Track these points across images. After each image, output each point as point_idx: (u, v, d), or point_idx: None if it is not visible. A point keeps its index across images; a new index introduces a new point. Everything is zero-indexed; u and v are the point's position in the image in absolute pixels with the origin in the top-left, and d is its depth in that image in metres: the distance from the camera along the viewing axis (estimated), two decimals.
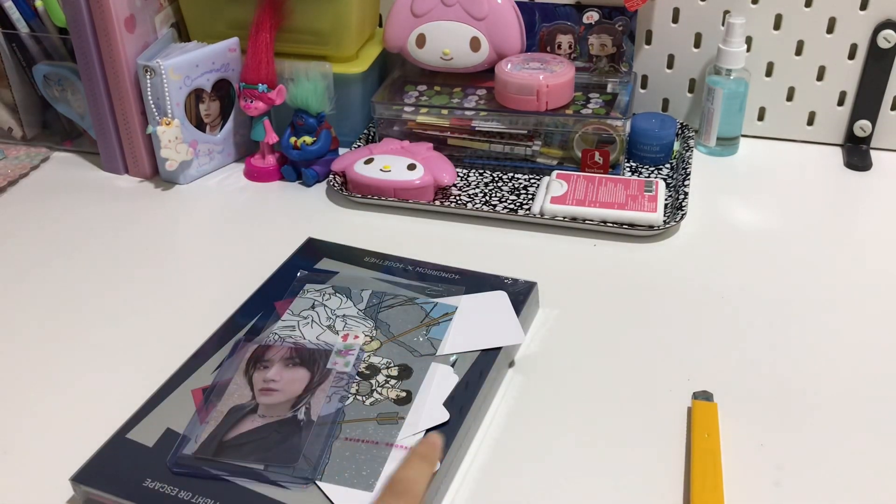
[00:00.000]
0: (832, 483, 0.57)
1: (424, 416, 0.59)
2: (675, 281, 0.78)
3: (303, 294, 0.72)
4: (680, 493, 0.57)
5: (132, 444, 0.58)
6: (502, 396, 0.65)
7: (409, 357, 0.65)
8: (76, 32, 0.89)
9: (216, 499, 0.54)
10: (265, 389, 0.62)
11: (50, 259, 0.83)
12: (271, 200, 0.92)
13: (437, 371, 0.63)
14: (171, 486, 0.54)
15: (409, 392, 0.61)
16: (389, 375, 0.63)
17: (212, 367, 0.64)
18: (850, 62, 0.96)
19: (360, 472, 0.55)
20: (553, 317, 0.73)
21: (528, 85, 0.90)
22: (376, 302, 0.71)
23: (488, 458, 0.60)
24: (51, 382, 0.67)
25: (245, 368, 0.64)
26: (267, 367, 0.64)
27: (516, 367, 0.67)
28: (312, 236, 0.81)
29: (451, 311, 0.69)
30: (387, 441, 0.57)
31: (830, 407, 0.63)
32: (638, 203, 0.85)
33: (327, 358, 0.64)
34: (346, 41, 0.97)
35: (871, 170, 0.96)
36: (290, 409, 0.60)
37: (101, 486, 0.55)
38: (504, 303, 0.70)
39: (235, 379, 0.63)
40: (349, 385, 0.62)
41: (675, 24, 0.99)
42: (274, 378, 0.63)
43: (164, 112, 0.90)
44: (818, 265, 0.80)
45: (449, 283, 0.73)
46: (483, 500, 0.57)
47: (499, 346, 0.66)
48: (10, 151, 1.01)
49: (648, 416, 0.63)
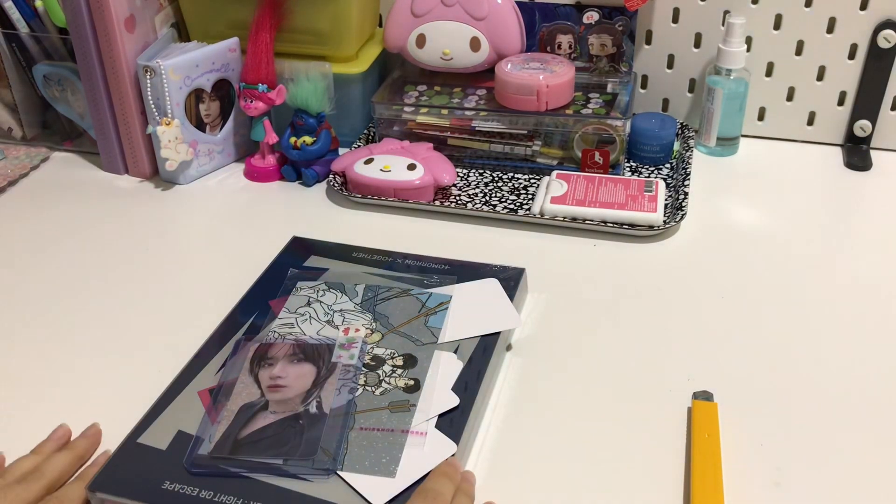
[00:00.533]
0: (832, 483, 0.57)
1: (435, 402, 0.60)
2: (675, 281, 0.78)
3: (296, 291, 0.72)
4: (680, 493, 0.56)
5: (145, 449, 0.57)
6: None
7: (412, 346, 0.66)
8: (76, 32, 0.89)
9: (239, 496, 0.54)
10: (273, 386, 0.62)
11: (49, 259, 0.83)
12: (271, 200, 0.92)
13: (442, 358, 0.64)
14: (192, 487, 0.54)
15: (417, 380, 0.62)
16: (395, 365, 0.64)
17: (215, 367, 0.64)
18: (850, 62, 0.96)
19: (379, 459, 0.56)
20: (554, 317, 0.73)
21: (528, 85, 0.90)
22: (371, 295, 0.71)
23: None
24: (49, 385, 0.67)
25: (250, 367, 0.64)
26: (272, 364, 0.64)
27: (515, 364, 0.67)
28: (313, 236, 0.81)
29: (447, 301, 0.70)
30: (402, 428, 0.58)
31: (830, 407, 0.63)
32: (638, 203, 0.85)
33: (331, 352, 0.65)
34: (346, 41, 0.97)
35: (871, 170, 0.96)
36: (300, 403, 0.60)
37: (119, 492, 0.55)
38: (497, 289, 0.72)
39: (241, 378, 0.63)
40: (357, 377, 0.63)
41: (675, 24, 0.99)
42: (280, 375, 0.63)
43: (164, 112, 0.90)
44: (818, 265, 0.80)
45: (440, 273, 0.74)
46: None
47: (497, 332, 0.67)
48: (10, 151, 1.01)
49: (648, 417, 0.63)
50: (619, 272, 0.79)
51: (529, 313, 0.73)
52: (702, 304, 0.75)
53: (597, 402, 0.64)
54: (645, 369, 0.67)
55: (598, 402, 0.64)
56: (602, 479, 0.58)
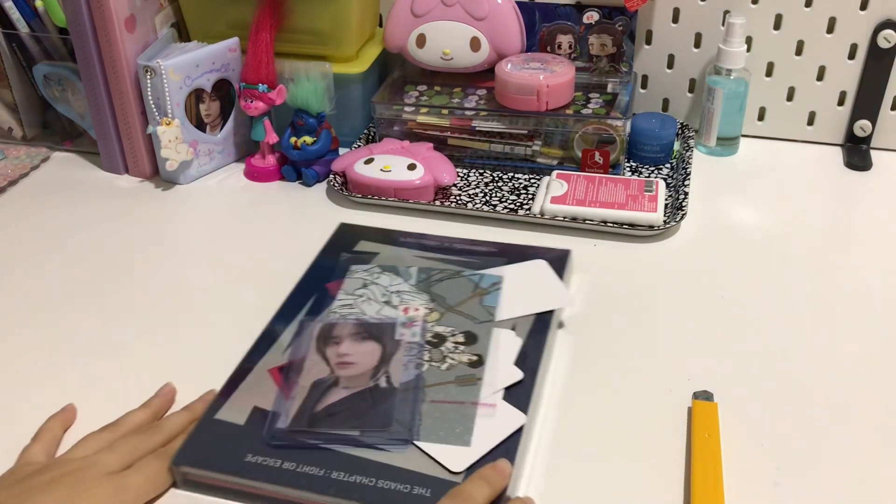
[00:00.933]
0: (832, 483, 0.57)
1: (500, 376, 0.62)
2: (675, 281, 0.78)
3: (350, 274, 0.74)
4: (680, 493, 0.56)
5: (223, 424, 0.59)
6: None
7: (471, 324, 0.68)
8: (76, 32, 0.89)
9: (320, 465, 0.55)
10: (342, 363, 0.64)
11: (50, 259, 0.83)
12: (271, 200, 0.92)
13: (501, 335, 0.67)
14: (274, 459, 0.56)
15: (480, 356, 0.65)
16: (457, 342, 0.66)
17: (281, 347, 0.66)
18: (850, 62, 0.96)
19: (453, 429, 0.58)
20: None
21: (528, 85, 0.90)
22: (425, 277, 0.74)
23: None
24: (49, 384, 0.67)
25: (317, 346, 0.65)
26: (337, 342, 0.66)
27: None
28: (313, 236, 0.81)
29: (499, 281, 0.73)
30: (471, 400, 0.60)
31: (831, 407, 0.63)
32: (638, 203, 0.85)
33: (393, 330, 0.67)
34: (346, 41, 0.97)
35: (871, 170, 0.96)
36: (370, 378, 0.62)
37: (203, 465, 0.56)
38: (546, 270, 0.74)
39: (310, 356, 0.64)
40: (421, 353, 0.65)
41: (675, 24, 0.99)
42: (347, 352, 0.65)
43: (165, 112, 0.90)
44: (818, 265, 0.80)
45: (488, 256, 0.77)
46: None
47: (551, 310, 0.69)
48: (10, 151, 1.01)
49: (648, 416, 0.62)
50: (619, 272, 0.79)
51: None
52: (702, 303, 0.75)
53: (597, 402, 0.64)
54: (645, 369, 0.67)
55: (598, 402, 0.64)
56: (602, 478, 0.58)
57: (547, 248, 0.77)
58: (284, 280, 0.74)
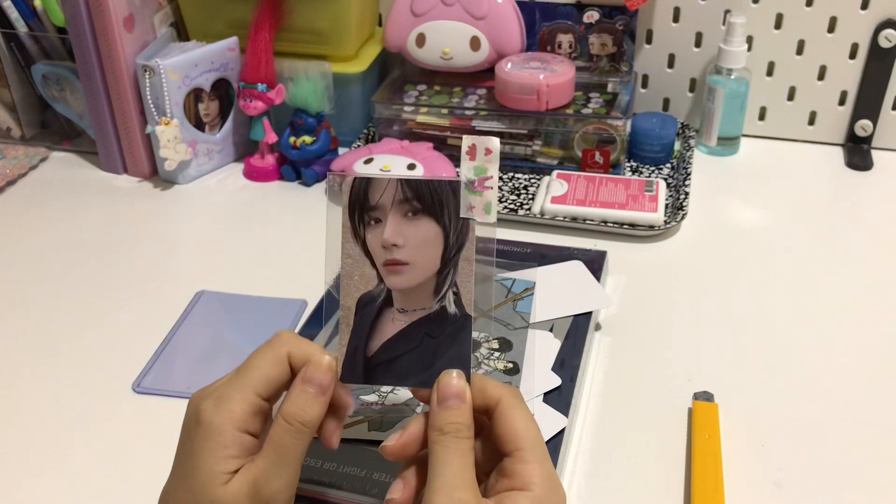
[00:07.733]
0: (833, 484, 0.57)
1: (537, 383, 0.61)
2: (675, 281, 0.77)
3: None
4: (680, 493, 0.56)
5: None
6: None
7: (505, 331, 0.66)
8: (75, 32, 0.89)
9: (360, 466, 0.54)
10: (391, 264, 0.47)
11: (48, 259, 0.82)
12: (271, 200, 0.92)
13: (538, 337, 0.65)
14: (315, 459, 0.54)
15: (515, 363, 0.62)
16: (491, 349, 0.64)
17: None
18: (851, 62, 0.96)
19: None
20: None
21: (528, 84, 0.90)
22: None
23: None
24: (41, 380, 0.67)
25: (352, 225, 0.47)
26: (379, 219, 0.47)
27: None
28: (313, 236, 0.81)
29: (531, 286, 0.70)
30: None
31: (831, 407, 0.63)
32: (638, 203, 0.84)
33: (456, 195, 0.46)
34: (345, 41, 0.97)
35: (871, 169, 0.95)
36: (432, 297, 0.47)
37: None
38: (582, 270, 0.72)
39: (346, 247, 0.46)
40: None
41: (675, 24, 0.99)
42: (395, 240, 0.47)
43: (163, 112, 0.90)
44: (819, 265, 0.79)
45: (521, 257, 0.74)
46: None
47: (589, 311, 0.67)
48: (9, 151, 1.01)
49: (648, 417, 0.62)
50: (619, 272, 0.78)
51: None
52: (702, 303, 0.74)
53: (596, 402, 0.64)
54: (645, 369, 0.67)
55: (598, 402, 0.64)
56: (601, 478, 0.57)
57: (581, 248, 0.75)
58: (284, 280, 0.74)
